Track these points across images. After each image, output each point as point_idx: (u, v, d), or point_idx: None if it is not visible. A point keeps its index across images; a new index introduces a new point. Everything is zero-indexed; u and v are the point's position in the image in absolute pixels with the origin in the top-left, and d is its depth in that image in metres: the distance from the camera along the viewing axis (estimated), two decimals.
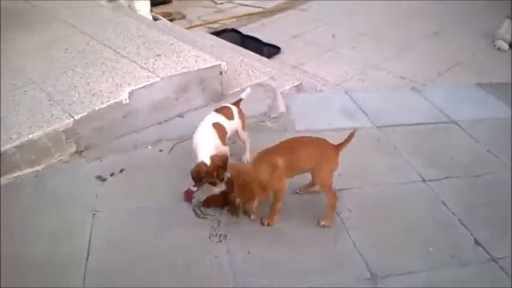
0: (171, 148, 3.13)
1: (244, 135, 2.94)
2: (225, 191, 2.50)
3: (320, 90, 4.25)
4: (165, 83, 3.27)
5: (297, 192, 2.72)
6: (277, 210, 2.51)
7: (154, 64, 3.46)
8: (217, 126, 2.71)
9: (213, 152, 2.55)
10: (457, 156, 3.12)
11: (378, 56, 5.04)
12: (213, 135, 2.68)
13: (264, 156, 2.42)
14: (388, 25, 5.85)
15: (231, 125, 2.80)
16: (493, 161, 3.07)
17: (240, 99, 2.96)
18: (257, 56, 4.86)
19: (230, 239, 2.46)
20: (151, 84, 3.23)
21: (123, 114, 3.18)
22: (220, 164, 2.50)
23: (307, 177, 2.61)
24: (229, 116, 2.80)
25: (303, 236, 2.48)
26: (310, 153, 2.43)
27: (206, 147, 2.59)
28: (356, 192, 2.79)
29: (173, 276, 2.26)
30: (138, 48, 3.76)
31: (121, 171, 2.95)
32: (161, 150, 3.12)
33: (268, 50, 5.31)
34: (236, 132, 2.89)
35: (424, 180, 2.88)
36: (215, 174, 2.49)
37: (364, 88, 4.27)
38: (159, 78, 3.26)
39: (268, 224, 2.52)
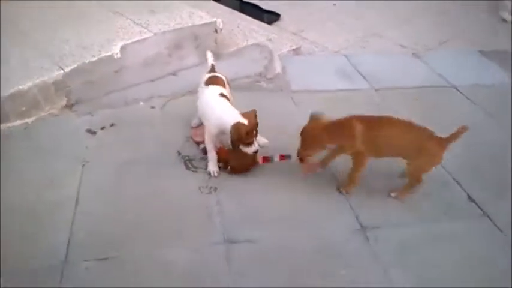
0: (164, 105, 3.08)
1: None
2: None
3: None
4: (158, 39, 3.20)
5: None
6: (353, 180, 2.37)
7: (148, 20, 3.37)
8: (223, 96, 2.49)
9: (239, 114, 2.34)
10: (455, 119, 3.03)
11: (380, 25, 4.91)
12: (227, 103, 2.46)
13: (347, 118, 2.24)
14: None
15: (227, 93, 2.61)
16: (491, 124, 3.02)
17: (213, 66, 2.74)
18: (256, 21, 4.75)
19: (220, 191, 2.43)
20: (144, 39, 3.16)
21: (115, 69, 3.12)
22: (256, 120, 2.33)
23: None
24: (223, 84, 2.61)
25: (294, 189, 2.45)
26: (403, 139, 2.20)
27: (231, 111, 2.37)
28: None
29: (162, 224, 2.23)
30: (133, 5, 3.66)
31: (111, 125, 2.91)
32: (153, 107, 3.07)
33: (268, 17, 5.18)
34: None
35: None
36: (254, 132, 2.31)
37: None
38: (152, 34, 3.19)
39: (347, 192, 2.40)
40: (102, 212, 2.30)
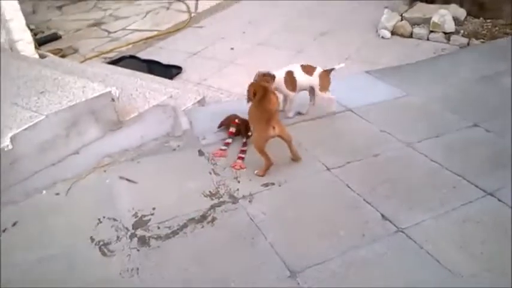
0: (68, 189, 2.91)
1: (320, 95, 3.48)
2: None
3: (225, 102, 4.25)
4: (51, 121, 3.04)
5: None
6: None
7: (37, 102, 3.20)
8: (290, 73, 3.42)
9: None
10: (355, 141, 3.26)
11: (277, 61, 5.12)
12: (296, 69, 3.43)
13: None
14: (284, 31, 6.06)
15: (306, 79, 3.42)
16: (387, 138, 3.25)
17: (332, 69, 3.48)
18: (157, 78, 4.75)
19: (143, 270, 2.31)
20: (35, 124, 2.98)
21: (9, 161, 2.90)
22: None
23: None
24: (309, 72, 3.43)
25: (218, 248, 2.42)
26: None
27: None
28: (266, 194, 2.79)
29: None
30: (19, 88, 3.47)
31: (14, 224, 2.68)
32: (57, 193, 2.88)
33: (170, 71, 5.24)
34: (312, 88, 3.46)
35: (328, 169, 2.97)
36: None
37: None
38: (43, 117, 3.02)
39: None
40: None
